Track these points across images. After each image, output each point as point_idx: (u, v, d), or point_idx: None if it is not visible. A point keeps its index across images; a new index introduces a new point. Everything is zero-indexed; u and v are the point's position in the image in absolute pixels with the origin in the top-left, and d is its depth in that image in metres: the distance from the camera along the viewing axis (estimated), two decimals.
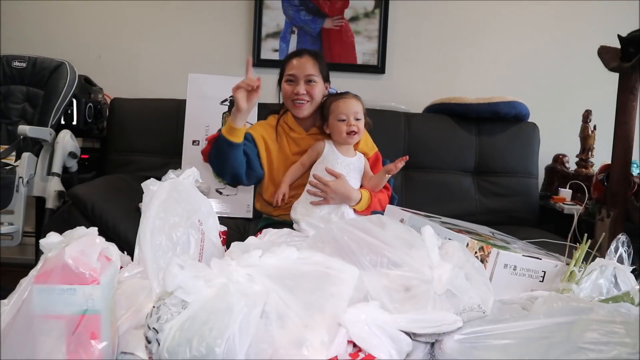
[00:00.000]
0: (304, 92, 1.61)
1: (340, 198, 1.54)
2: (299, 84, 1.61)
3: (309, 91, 1.62)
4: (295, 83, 1.62)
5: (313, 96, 1.63)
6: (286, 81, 1.64)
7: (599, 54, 1.80)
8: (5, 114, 2.17)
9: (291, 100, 1.63)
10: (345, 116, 1.55)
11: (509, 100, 2.21)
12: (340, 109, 1.56)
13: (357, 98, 1.61)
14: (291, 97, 1.63)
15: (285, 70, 1.65)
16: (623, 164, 1.75)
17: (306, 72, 1.61)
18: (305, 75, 1.61)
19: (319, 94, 1.65)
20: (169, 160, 2.15)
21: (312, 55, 1.65)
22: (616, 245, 1.06)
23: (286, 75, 1.64)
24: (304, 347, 0.77)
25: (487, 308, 0.90)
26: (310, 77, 1.61)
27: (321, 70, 1.65)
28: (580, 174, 2.25)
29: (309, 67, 1.62)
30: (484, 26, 2.62)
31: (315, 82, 1.62)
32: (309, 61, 1.63)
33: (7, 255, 2.10)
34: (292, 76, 1.62)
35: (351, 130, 1.55)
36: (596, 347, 0.75)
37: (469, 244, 1.08)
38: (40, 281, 0.77)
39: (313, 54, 1.66)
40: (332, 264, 0.88)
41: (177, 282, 0.78)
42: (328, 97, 1.65)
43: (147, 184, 1.12)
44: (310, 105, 1.64)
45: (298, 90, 1.61)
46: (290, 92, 1.62)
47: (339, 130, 1.55)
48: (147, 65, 2.65)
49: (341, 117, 1.55)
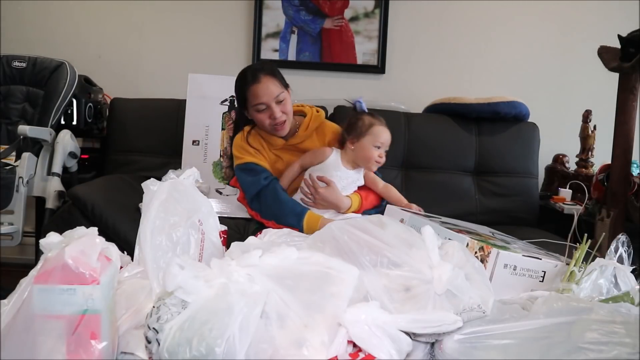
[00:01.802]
0: (280, 113, 1.56)
1: (329, 205, 1.55)
2: (272, 108, 1.55)
3: (283, 110, 1.57)
4: (268, 109, 1.56)
5: (287, 112, 1.59)
6: (256, 110, 1.57)
7: (599, 54, 1.80)
8: (5, 114, 2.17)
9: (271, 126, 1.58)
10: (382, 145, 1.56)
11: (509, 100, 2.21)
12: (381, 138, 1.55)
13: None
14: (270, 125, 1.58)
15: (250, 101, 1.57)
16: (623, 164, 1.75)
17: (274, 95, 1.54)
18: (275, 98, 1.55)
19: (291, 108, 1.62)
20: (169, 160, 2.15)
21: (267, 73, 1.56)
22: (616, 245, 1.06)
23: (255, 106, 1.56)
24: (304, 347, 0.77)
25: (487, 308, 0.90)
26: (279, 96, 1.55)
27: (282, 82, 1.59)
28: (580, 174, 2.25)
29: (273, 88, 1.55)
30: (484, 26, 2.62)
31: (285, 98, 1.58)
32: (270, 81, 1.55)
33: (7, 255, 2.10)
34: (262, 105, 1.55)
35: (380, 160, 1.56)
36: (596, 347, 0.75)
37: (469, 244, 1.08)
38: (40, 281, 0.77)
39: (268, 70, 1.57)
40: (332, 264, 0.88)
41: (177, 282, 0.78)
42: (365, 116, 1.59)
43: (147, 184, 1.12)
44: (288, 122, 1.61)
45: (276, 116, 1.55)
46: (267, 118, 1.57)
47: (370, 155, 1.55)
48: (147, 65, 2.65)
49: (378, 145, 1.55)
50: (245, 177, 1.62)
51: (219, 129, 2.06)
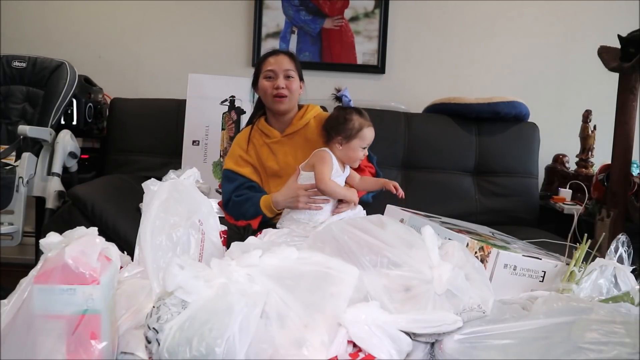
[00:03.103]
0: (284, 86, 1.62)
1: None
2: (278, 78, 1.62)
3: (287, 86, 1.62)
4: (274, 78, 1.63)
5: (291, 90, 1.63)
6: (264, 77, 1.64)
7: (599, 54, 1.80)
8: (5, 114, 2.17)
9: (272, 96, 1.63)
10: (368, 145, 1.55)
11: (509, 100, 2.21)
12: (369, 139, 1.54)
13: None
14: (272, 93, 1.63)
15: (263, 68, 1.66)
16: (623, 164, 1.75)
17: (284, 67, 1.63)
18: (284, 70, 1.62)
19: (296, 91, 1.66)
20: (169, 160, 2.15)
21: (287, 54, 1.67)
22: (616, 245, 1.06)
23: (264, 72, 1.64)
24: (304, 347, 0.77)
25: (487, 308, 0.90)
26: (288, 72, 1.63)
27: (297, 68, 1.67)
28: (580, 174, 2.25)
29: (286, 63, 1.64)
30: (484, 26, 2.62)
31: (293, 78, 1.64)
32: (285, 58, 1.65)
33: (7, 255, 2.10)
34: (271, 72, 1.63)
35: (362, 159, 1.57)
36: (596, 347, 0.75)
37: (469, 244, 1.08)
38: (40, 281, 0.77)
39: (288, 53, 1.69)
40: (332, 264, 0.88)
41: (177, 282, 0.78)
42: (354, 116, 1.55)
43: (147, 184, 1.12)
44: (289, 101, 1.64)
45: (278, 85, 1.61)
46: (270, 87, 1.62)
47: (356, 157, 1.54)
48: (147, 65, 2.65)
49: (364, 146, 1.54)
50: (223, 183, 1.70)
51: (219, 129, 2.06)
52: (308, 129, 1.69)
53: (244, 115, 2.06)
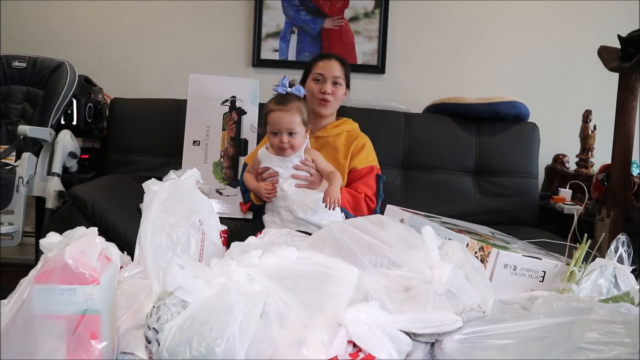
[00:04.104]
0: (330, 92, 1.69)
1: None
2: (326, 83, 1.69)
3: (334, 92, 1.70)
4: (322, 82, 1.70)
5: (336, 97, 1.71)
6: (313, 79, 1.72)
7: (599, 54, 1.80)
8: (5, 114, 2.17)
9: (318, 99, 1.69)
10: (279, 132, 1.47)
11: (509, 100, 2.21)
12: (273, 125, 1.46)
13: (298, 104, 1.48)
14: (318, 95, 1.69)
15: (313, 70, 1.73)
16: (623, 164, 1.75)
17: (334, 74, 1.70)
18: (333, 77, 1.70)
19: (341, 97, 1.74)
20: (169, 160, 2.15)
21: (339, 60, 1.74)
22: (616, 245, 1.06)
23: (314, 74, 1.72)
24: (304, 347, 0.77)
25: (487, 308, 0.90)
26: (337, 79, 1.71)
27: (346, 75, 1.74)
28: (580, 174, 2.25)
29: (337, 70, 1.71)
30: (484, 26, 2.62)
31: (340, 85, 1.72)
32: (337, 64, 1.72)
33: (7, 255, 2.10)
34: (320, 75, 1.71)
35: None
36: (596, 347, 0.75)
37: (469, 244, 1.08)
38: (40, 281, 0.77)
39: (340, 59, 1.75)
40: (332, 264, 0.88)
41: (177, 282, 0.78)
42: (269, 102, 1.51)
43: (148, 184, 1.12)
44: (331, 106, 1.72)
45: (325, 89, 1.69)
46: (317, 90, 1.70)
47: (272, 142, 1.50)
48: (147, 65, 2.65)
49: (274, 131, 1.47)
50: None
51: (220, 130, 2.06)
52: (337, 139, 1.75)
53: (245, 115, 2.06)
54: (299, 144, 1.49)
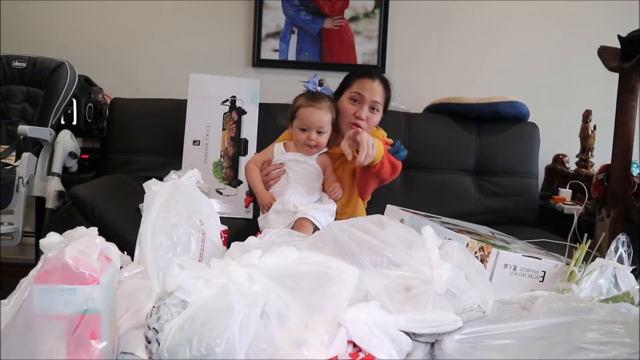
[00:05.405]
0: (364, 118, 1.52)
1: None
2: (363, 107, 1.53)
3: (369, 119, 1.54)
4: (360, 104, 1.53)
5: (370, 124, 1.56)
6: (349, 98, 1.54)
7: (599, 54, 1.80)
8: (5, 114, 2.17)
9: (349, 122, 1.54)
10: (308, 129, 1.48)
11: (509, 100, 2.21)
12: (305, 120, 1.47)
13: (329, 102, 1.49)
14: (351, 119, 1.53)
15: (352, 86, 1.55)
16: (623, 164, 1.75)
17: (373, 98, 1.53)
18: (372, 101, 1.53)
19: (375, 124, 1.59)
20: (169, 160, 2.15)
21: (383, 82, 1.56)
22: (616, 245, 1.06)
23: (351, 92, 1.54)
24: (304, 347, 0.77)
25: (487, 308, 0.90)
26: (376, 104, 1.54)
27: (386, 100, 1.58)
28: (580, 174, 2.25)
29: (378, 93, 1.54)
30: (484, 26, 2.62)
31: (377, 112, 1.56)
32: (380, 87, 1.55)
33: (7, 255, 2.10)
34: (358, 95, 1.53)
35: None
36: (596, 347, 0.75)
37: (469, 244, 1.08)
38: (40, 281, 0.77)
39: (384, 80, 1.58)
40: (332, 264, 0.88)
41: (177, 282, 0.78)
42: (300, 97, 1.51)
43: (148, 184, 1.12)
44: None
45: (361, 115, 1.52)
46: (352, 113, 1.53)
47: (298, 139, 1.50)
48: (147, 65, 2.65)
49: (303, 127, 1.48)
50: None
51: (220, 129, 2.06)
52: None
53: (245, 115, 2.06)
54: (324, 143, 1.48)
